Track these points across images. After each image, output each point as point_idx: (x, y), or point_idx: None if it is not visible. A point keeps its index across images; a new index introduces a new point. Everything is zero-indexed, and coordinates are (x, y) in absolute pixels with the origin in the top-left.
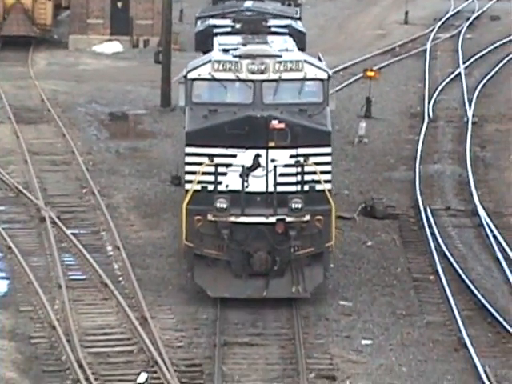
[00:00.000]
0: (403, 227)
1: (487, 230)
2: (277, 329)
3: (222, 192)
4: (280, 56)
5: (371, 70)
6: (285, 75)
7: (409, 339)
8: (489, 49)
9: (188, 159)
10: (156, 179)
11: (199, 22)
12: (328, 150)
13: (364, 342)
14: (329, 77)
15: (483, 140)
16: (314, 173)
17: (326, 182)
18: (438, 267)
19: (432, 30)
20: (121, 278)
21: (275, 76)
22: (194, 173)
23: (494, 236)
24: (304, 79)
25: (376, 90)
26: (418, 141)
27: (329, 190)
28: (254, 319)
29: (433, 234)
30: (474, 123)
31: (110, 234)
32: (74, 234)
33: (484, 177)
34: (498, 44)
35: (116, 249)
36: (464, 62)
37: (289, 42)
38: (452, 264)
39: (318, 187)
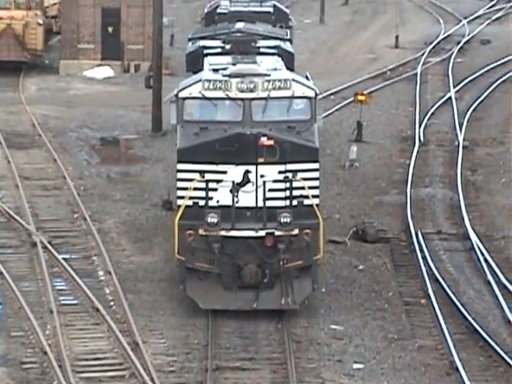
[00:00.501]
0: (394, 251)
1: (478, 253)
2: (268, 353)
3: (212, 207)
4: (269, 75)
5: (362, 94)
6: (273, 93)
7: (400, 363)
8: (479, 73)
9: (180, 175)
10: (147, 204)
11: (190, 44)
12: (316, 165)
13: (356, 366)
14: (316, 95)
15: (474, 164)
16: (302, 188)
17: (314, 196)
18: (430, 291)
19: (423, 54)
20: (112, 303)
21: (264, 94)
22: (185, 189)
23: (486, 259)
24: (292, 97)
25: (367, 113)
26: (409, 165)
27: (317, 205)
28: (245, 344)
29: (424, 257)
30: (464, 147)
31: (101, 259)
32: (65, 259)
33: (475, 200)
34: (488, 68)
35: (107, 273)
36: (455, 86)
37: (277, 62)
38: (443, 288)
39: (306, 202)
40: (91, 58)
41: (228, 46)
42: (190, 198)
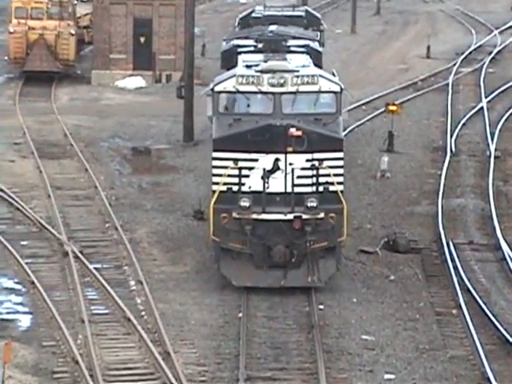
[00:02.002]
0: (426, 261)
1: (510, 263)
2: (299, 363)
3: (245, 192)
4: (297, 71)
5: (393, 105)
6: (302, 88)
7: (432, 374)
8: (511, 83)
9: (215, 163)
10: (178, 214)
11: (224, 43)
12: (340, 154)
13: (387, 376)
14: (341, 90)
15: (506, 174)
16: (328, 175)
17: (339, 183)
18: (461, 301)
19: (454, 65)
20: (143, 313)
21: (293, 89)
22: (220, 175)
23: None
24: (319, 92)
25: (398, 124)
26: (441, 175)
27: (341, 191)
28: (276, 354)
29: (455, 268)
30: (496, 157)
31: (132, 269)
32: (96, 269)
33: (507, 211)
34: None
35: (139, 283)
36: (486, 96)
37: (306, 59)
38: (475, 298)
39: (331, 188)
40: (123, 68)
41: (260, 45)
42: (224, 183)
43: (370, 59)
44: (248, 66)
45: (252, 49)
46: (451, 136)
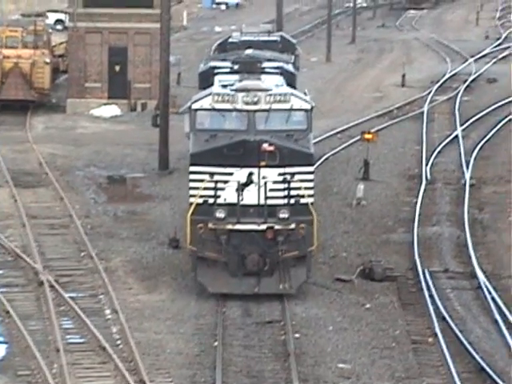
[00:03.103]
0: (402, 289)
1: (486, 292)
2: None
3: (220, 204)
4: (270, 90)
5: (369, 133)
6: (274, 106)
7: None
8: (486, 111)
9: (192, 177)
10: (154, 242)
11: (202, 65)
12: (311, 168)
13: None
14: (312, 108)
15: (481, 202)
16: (299, 188)
17: (309, 196)
18: (437, 329)
19: (429, 93)
20: (119, 342)
21: (266, 107)
22: (196, 188)
23: (493, 298)
24: (291, 109)
25: (374, 152)
26: (416, 203)
27: (311, 203)
28: (252, 382)
29: (431, 296)
30: (471, 185)
31: (108, 298)
32: (72, 298)
33: (482, 239)
34: (495, 106)
35: (114, 312)
36: (461, 125)
37: (278, 79)
38: (451, 326)
39: (302, 201)
40: (98, 96)
41: (236, 66)
42: (201, 196)
43: (345, 87)
44: (224, 86)
45: (228, 70)
46: (426, 164)
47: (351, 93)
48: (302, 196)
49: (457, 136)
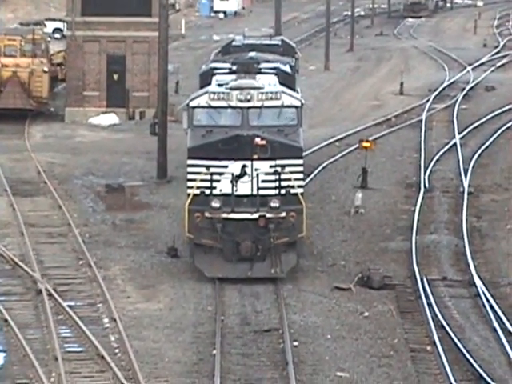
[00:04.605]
0: (400, 297)
1: (484, 300)
2: None
3: (216, 195)
4: (263, 88)
5: (367, 141)
6: (266, 103)
7: None
8: (484, 119)
9: (189, 169)
10: (152, 251)
11: (204, 66)
12: (300, 161)
13: None
14: (302, 104)
15: (479, 210)
16: (289, 179)
17: (299, 186)
18: (435, 338)
19: (427, 101)
20: (117, 350)
21: (259, 104)
22: (194, 180)
23: (491, 306)
24: (282, 106)
25: (372, 160)
26: (414, 211)
27: (301, 194)
28: None
29: (430, 304)
30: (469, 193)
31: (106, 306)
32: (70, 306)
33: (480, 247)
34: (493, 114)
35: (112, 321)
36: (459, 133)
37: (272, 79)
38: (449, 334)
39: (292, 191)
40: (96, 105)
41: (234, 67)
42: (198, 187)
43: (343, 95)
44: (220, 85)
45: (227, 71)
46: (425, 172)
47: (349, 101)
48: (292, 187)
49: (455, 144)
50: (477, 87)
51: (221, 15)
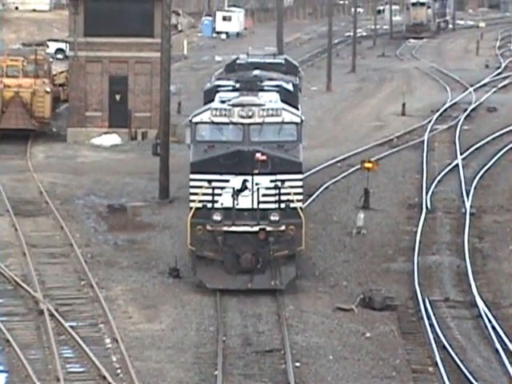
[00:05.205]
0: (402, 318)
1: (486, 321)
2: None
3: (217, 208)
4: (264, 105)
5: (369, 162)
6: (267, 119)
7: None
8: (486, 140)
9: (192, 183)
10: (154, 271)
11: (208, 84)
12: (300, 176)
13: None
14: (301, 121)
15: (481, 231)
16: (289, 194)
17: (298, 201)
18: (437, 359)
19: (429, 122)
20: (119, 371)
21: (260, 120)
22: (196, 194)
23: (493, 327)
24: (282, 123)
25: (374, 181)
26: (416, 232)
27: (300, 208)
28: None
29: (431, 325)
30: (471, 214)
31: (108, 327)
32: (72, 327)
33: (482, 268)
34: (495, 135)
35: (114, 341)
36: (461, 153)
37: (274, 96)
38: (451, 355)
39: (292, 205)
40: (98, 125)
41: (237, 85)
42: (200, 201)
43: (345, 116)
44: (222, 101)
45: (230, 88)
46: (427, 193)
47: (351, 122)
48: (292, 201)
49: (457, 165)
50: (479, 108)
51: (223, 36)
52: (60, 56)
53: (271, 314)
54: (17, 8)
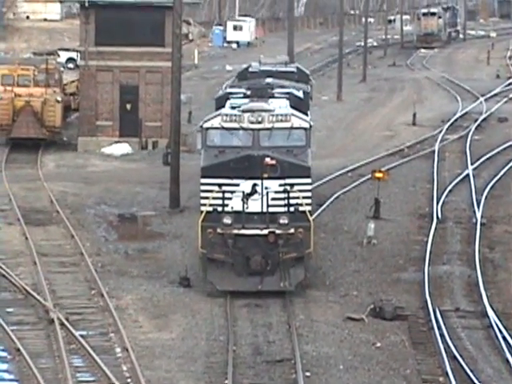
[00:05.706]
0: (412, 328)
1: (497, 331)
2: None
3: (227, 212)
4: (273, 110)
5: (379, 171)
6: (276, 125)
7: None
8: (497, 150)
9: (203, 187)
10: (165, 280)
11: (220, 91)
12: (308, 180)
13: None
14: (310, 126)
15: (492, 241)
16: (298, 198)
17: (307, 204)
18: (448, 369)
19: (440, 132)
20: (129, 380)
21: (269, 125)
22: (207, 198)
23: (504, 337)
24: (291, 128)
25: (384, 190)
26: (427, 242)
27: (309, 211)
28: None
29: (442, 335)
30: (482, 224)
31: (118, 336)
32: (82, 336)
33: (493, 278)
34: (506, 145)
35: (125, 350)
36: (472, 163)
37: (283, 102)
38: (462, 366)
39: (301, 208)
40: (109, 134)
41: (248, 92)
42: (210, 205)
43: (355, 126)
44: (233, 107)
45: (241, 95)
46: (437, 203)
47: (362, 131)
48: (301, 204)
49: (468, 175)
50: (490, 118)
51: (234, 45)
52: (71, 65)
53: (281, 324)
54: (28, 17)
